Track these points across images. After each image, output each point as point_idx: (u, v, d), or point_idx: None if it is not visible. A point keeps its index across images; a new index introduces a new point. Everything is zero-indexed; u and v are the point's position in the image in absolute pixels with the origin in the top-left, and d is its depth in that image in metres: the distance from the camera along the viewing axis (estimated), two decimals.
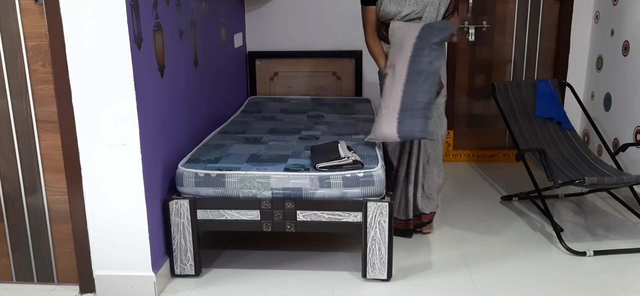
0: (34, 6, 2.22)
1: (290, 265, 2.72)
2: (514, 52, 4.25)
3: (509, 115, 3.50)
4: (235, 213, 2.49)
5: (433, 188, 2.98)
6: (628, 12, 3.54)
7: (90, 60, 2.18)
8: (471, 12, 4.16)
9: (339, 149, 2.59)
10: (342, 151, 2.56)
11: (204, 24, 3.17)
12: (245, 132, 3.15)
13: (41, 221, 2.47)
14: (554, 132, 3.52)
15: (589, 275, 2.63)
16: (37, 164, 2.40)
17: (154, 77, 2.41)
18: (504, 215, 3.37)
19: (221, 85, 3.55)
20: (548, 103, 3.53)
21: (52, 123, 2.34)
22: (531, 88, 3.62)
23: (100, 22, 2.14)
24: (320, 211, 2.46)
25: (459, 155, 4.45)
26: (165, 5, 2.52)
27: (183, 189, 2.50)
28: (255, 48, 4.26)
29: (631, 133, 3.48)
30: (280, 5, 4.18)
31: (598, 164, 3.23)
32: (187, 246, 2.53)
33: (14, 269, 2.54)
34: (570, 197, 3.62)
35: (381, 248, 2.49)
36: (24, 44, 2.27)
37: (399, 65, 2.61)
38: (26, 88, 2.32)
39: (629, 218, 3.27)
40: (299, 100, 4.03)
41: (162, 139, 2.51)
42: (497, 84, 3.58)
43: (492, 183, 3.92)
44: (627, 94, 3.55)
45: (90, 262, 2.43)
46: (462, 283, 2.56)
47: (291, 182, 2.45)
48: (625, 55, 3.57)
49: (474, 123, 4.43)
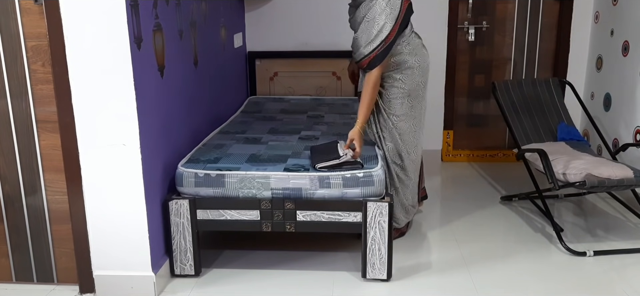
0: (34, 6, 2.22)
1: (290, 265, 2.72)
2: (513, 52, 4.25)
3: (509, 114, 3.50)
4: (235, 213, 2.49)
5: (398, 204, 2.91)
6: (628, 12, 3.54)
7: (90, 60, 2.18)
8: (471, 12, 4.16)
9: (338, 149, 2.59)
10: (341, 151, 2.56)
11: (204, 24, 3.17)
12: (245, 132, 3.15)
13: (41, 221, 2.47)
14: (556, 132, 3.52)
15: (589, 275, 2.63)
16: (37, 164, 2.40)
17: (153, 77, 2.41)
18: (504, 215, 3.37)
19: (221, 85, 3.55)
20: (568, 134, 3.53)
21: (52, 123, 2.34)
22: (532, 86, 3.62)
23: (100, 22, 2.13)
24: (320, 211, 2.46)
25: (459, 155, 4.45)
26: (165, 5, 2.52)
27: (183, 189, 2.50)
28: (255, 48, 4.26)
29: (631, 133, 3.48)
30: (280, 6, 4.18)
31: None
32: (186, 246, 2.53)
33: (13, 269, 2.54)
34: (570, 197, 3.62)
35: (381, 248, 2.49)
36: (23, 44, 2.26)
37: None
38: (26, 89, 2.31)
39: (629, 218, 3.27)
40: (299, 100, 4.03)
41: (162, 139, 2.51)
42: (498, 83, 3.58)
43: (492, 183, 3.92)
44: (627, 94, 3.55)
45: (90, 262, 2.43)
46: (462, 283, 2.56)
47: (291, 182, 2.45)
48: (625, 55, 3.57)
49: (474, 123, 4.43)
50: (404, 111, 2.79)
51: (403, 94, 2.76)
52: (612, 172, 2.79)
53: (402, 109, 2.78)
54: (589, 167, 2.83)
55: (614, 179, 2.77)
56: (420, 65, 2.77)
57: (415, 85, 2.77)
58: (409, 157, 2.84)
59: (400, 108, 2.78)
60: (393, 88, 2.77)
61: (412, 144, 2.84)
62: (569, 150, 3.22)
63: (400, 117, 2.79)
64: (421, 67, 2.78)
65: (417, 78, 2.77)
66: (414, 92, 2.78)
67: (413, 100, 2.79)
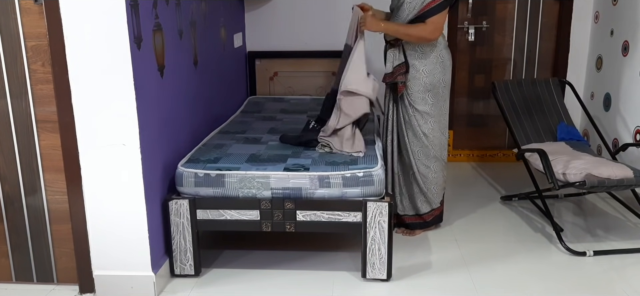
0: (34, 6, 2.22)
1: (290, 265, 2.72)
2: (513, 52, 4.25)
3: (509, 114, 3.50)
4: (235, 213, 2.49)
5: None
6: (628, 12, 3.54)
7: (90, 60, 2.18)
8: (471, 12, 4.16)
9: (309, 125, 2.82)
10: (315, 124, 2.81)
11: (204, 24, 3.17)
12: (245, 132, 3.15)
13: (41, 221, 2.47)
14: (556, 132, 3.52)
15: (589, 275, 2.63)
16: (36, 164, 2.40)
17: (153, 77, 2.41)
18: (504, 215, 3.37)
19: (221, 85, 3.55)
20: (568, 134, 3.54)
21: (52, 123, 2.34)
22: (532, 86, 3.62)
23: (100, 22, 2.13)
24: (320, 211, 2.46)
25: (458, 155, 4.45)
26: (165, 5, 2.52)
27: (183, 189, 2.50)
28: (255, 48, 4.26)
29: (631, 133, 3.48)
30: (280, 5, 4.18)
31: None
32: (186, 246, 2.53)
33: (13, 269, 2.54)
34: (570, 197, 3.62)
35: (381, 248, 2.49)
36: (23, 44, 2.26)
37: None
38: (26, 89, 2.31)
39: (629, 218, 3.27)
40: (299, 100, 4.03)
41: (161, 139, 2.51)
42: (498, 83, 3.58)
43: (492, 183, 3.92)
44: (626, 94, 3.55)
45: (90, 262, 2.43)
46: (462, 283, 2.56)
47: (291, 181, 2.45)
48: (625, 55, 3.57)
49: (474, 123, 4.43)
50: (427, 108, 2.87)
51: (424, 88, 2.84)
52: (612, 172, 2.79)
53: (423, 105, 2.86)
54: (589, 167, 2.83)
55: (614, 179, 2.77)
56: (443, 61, 2.84)
57: (436, 81, 2.84)
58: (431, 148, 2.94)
59: (423, 104, 2.86)
60: (415, 80, 2.84)
61: (436, 141, 2.92)
62: (568, 150, 3.22)
63: (422, 113, 2.87)
64: (443, 64, 2.85)
65: (438, 75, 2.84)
66: (435, 88, 2.85)
67: (434, 97, 2.86)
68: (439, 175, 2.98)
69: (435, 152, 2.92)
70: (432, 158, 2.92)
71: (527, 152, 3.18)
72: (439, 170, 2.97)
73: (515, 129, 3.46)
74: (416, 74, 2.82)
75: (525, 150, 3.20)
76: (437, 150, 2.92)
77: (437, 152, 2.92)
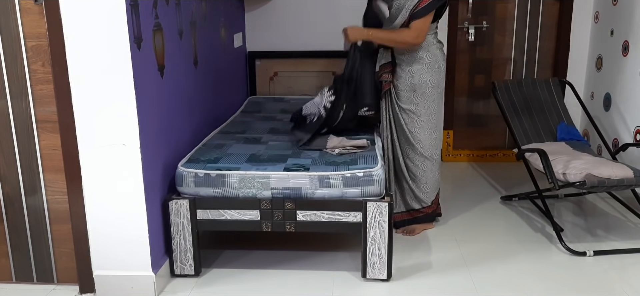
0: (34, 6, 2.22)
1: (290, 265, 2.72)
2: (513, 52, 4.25)
3: (509, 114, 3.50)
4: (235, 213, 2.49)
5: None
6: (628, 12, 3.54)
7: (90, 60, 2.18)
8: (471, 12, 4.16)
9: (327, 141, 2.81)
10: (330, 143, 2.77)
11: (204, 24, 3.17)
12: (245, 132, 3.15)
13: (41, 221, 2.47)
14: (556, 132, 3.52)
15: (589, 275, 2.63)
16: (36, 164, 2.40)
17: (153, 77, 2.41)
18: (504, 215, 3.37)
19: (221, 85, 3.55)
20: (568, 134, 3.54)
21: (52, 123, 2.34)
22: (532, 86, 3.62)
23: (100, 22, 2.13)
24: (320, 211, 2.46)
25: (459, 155, 4.45)
26: (165, 5, 2.52)
27: (183, 189, 2.50)
28: (255, 48, 4.26)
29: (631, 133, 3.48)
30: (280, 5, 4.18)
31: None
32: (186, 246, 2.53)
33: (13, 269, 2.54)
34: (570, 197, 3.62)
35: (381, 248, 2.48)
36: (23, 44, 2.26)
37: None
38: (26, 89, 2.31)
39: (629, 218, 3.27)
40: (299, 100, 4.02)
41: (162, 139, 2.51)
42: (498, 82, 3.58)
43: (492, 183, 3.92)
44: (627, 94, 3.55)
45: (90, 262, 2.43)
46: (462, 283, 2.56)
47: (291, 181, 2.45)
48: (625, 55, 3.57)
49: (474, 123, 4.43)
50: (413, 107, 2.89)
51: (410, 88, 2.87)
52: (612, 172, 2.79)
53: (409, 104, 2.90)
54: (589, 167, 2.83)
55: (614, 179, 2.77)
56: (431, 62, 2.85)
57: (423, 81, 2.86)
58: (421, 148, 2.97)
59: (408, 103, 2.90)
60: (401, 80, 2.89)
61: (425, 140, 2.95)
62: (569, 150, 3.22)
63: (408, 111, 2.91)
64: (432, 65, 2.85)
65: (425, 76, 2.85)
66: (421, 88, 2.86)
67: (421, 96, 2.88)
68: (430, 175, 2.99)
69: (425, 151, 2.94)
70: (421, 157, 2.95)
71: (527, 151, 3.18)
72: (429, 169, 2.98)
73: (515, 129, 3.46)
74: (402, 74, 2.88)
75: (526, 150, 3.20)
76: (426, 150, 2.94)
77: (426, 152, 2.94)
